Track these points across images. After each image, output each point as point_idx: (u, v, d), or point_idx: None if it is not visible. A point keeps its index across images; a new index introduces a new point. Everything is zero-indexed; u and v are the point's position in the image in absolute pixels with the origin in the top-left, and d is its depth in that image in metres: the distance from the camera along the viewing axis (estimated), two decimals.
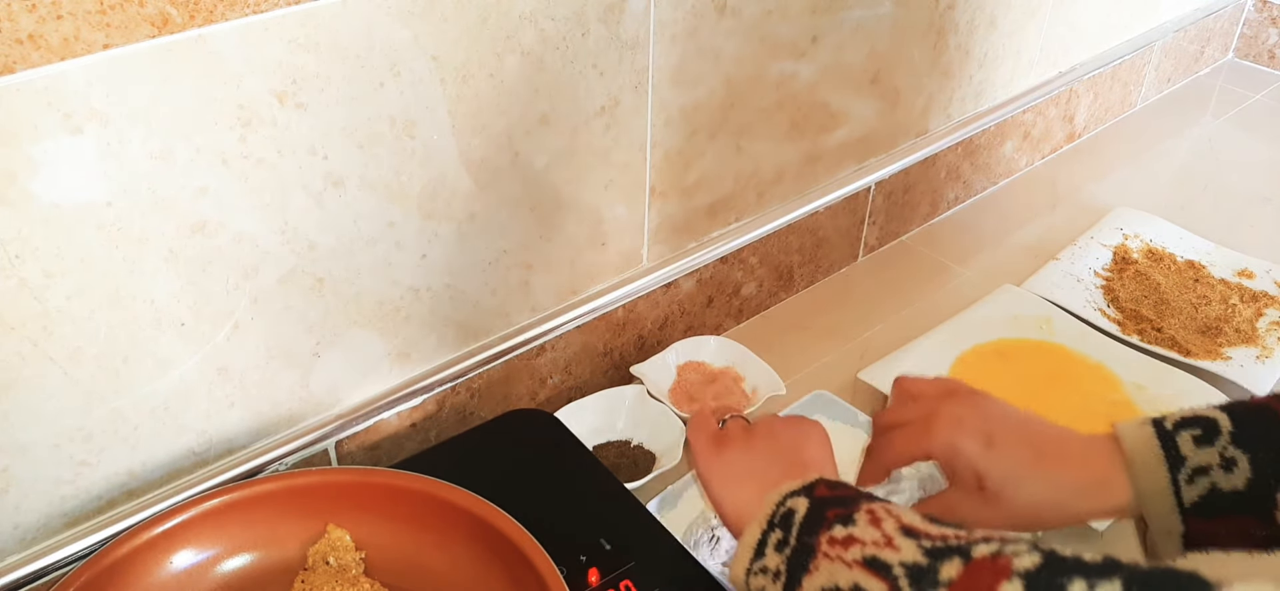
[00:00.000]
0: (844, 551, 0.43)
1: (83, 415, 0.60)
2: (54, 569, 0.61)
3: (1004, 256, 1.14)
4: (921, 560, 0.40)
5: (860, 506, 0.46)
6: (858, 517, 0.44)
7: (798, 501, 0.48)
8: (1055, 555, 0.37)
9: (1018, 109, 1.21)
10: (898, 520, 0.44)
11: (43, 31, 0.50)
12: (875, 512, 0.45)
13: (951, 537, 0.41)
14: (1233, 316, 1.01)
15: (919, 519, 0.44)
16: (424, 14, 0.63)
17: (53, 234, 0.54)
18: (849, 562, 0.42)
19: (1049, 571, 0.36)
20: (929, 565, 0.40)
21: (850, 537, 0.43)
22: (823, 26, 0.90)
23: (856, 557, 0.42)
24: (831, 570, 0.43)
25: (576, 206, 0.80)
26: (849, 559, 0.43)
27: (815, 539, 0.45)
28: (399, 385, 0.75)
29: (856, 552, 0.43)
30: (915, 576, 0.40)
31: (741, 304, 1.01)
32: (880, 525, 0.43)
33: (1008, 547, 0.38)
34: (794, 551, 0.46)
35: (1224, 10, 1.56)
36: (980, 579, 0.37)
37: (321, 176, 0.63)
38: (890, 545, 0.42)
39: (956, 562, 0.39)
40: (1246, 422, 0.54)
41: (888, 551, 0.42)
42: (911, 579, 0.40)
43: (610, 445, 0.83)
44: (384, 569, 0.63)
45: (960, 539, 0.41)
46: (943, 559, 0.40)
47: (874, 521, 0.44)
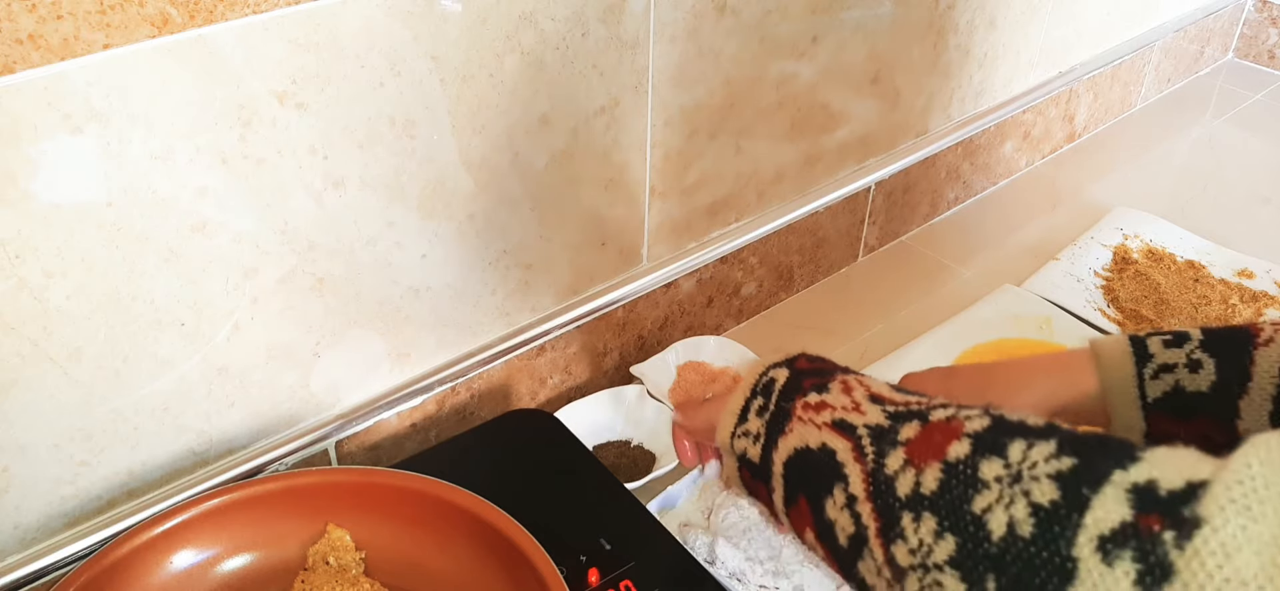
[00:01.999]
0: (816, 415, 0.46)
1: (83, 415, 0.60)
2: (54, 569, 0.61)
3: (1004, 256, 1.14)
4: (884, 422, 0.43)
5: (835, 376, 0.49)
6: (831, 386, 0.48)
7: (779, 372, 0.51)
8: (1003, 418, 0.40)
9: (1018, 109, 1.21)
10: (867, 389, 0.47)
11: (43, 31, 0.50)
12: (848, 382, 0.48)
13: (914, 403, 0.44)
14: (1233, 316, 1.01)
15: (888, 388, 0.47)
16: (424, 14, 0.63)
17: (53, 234, 0.54)
18: (819, 425, 0.46)
19: (994, 432, 0.39)
20: (890, 426, 0.43)
21: (822, 403, 0.47)
22: (823, 26, 0.90)
23: (826, 420, 0.46)
24: (804, 432, 0.46)
25: (576, 206, 0.80)
26: (820, 421, 0.46)
27: (791, 404, 0.48)
28: (399, 385, 0.75)
29: (826, 416, 0.46)
30: (876, 435, 0.43)
31: (741, 304, 1.01)
32: (851, 392, 0.47)
33: (962, 413, 0.42)
34: (773, 415, 0.49)
35: (1224, 10, 1.56)
36: (933, 437, 0.41)
37: (321, 176, 0.63)
38: (857, 410, 0.45)
39: (915, 424, 0.42)
40: (1217, 334, 0.57)
41: (855, 415, 0.45)
42: (873, 437, 0.43)
43: (610, 445, 0.83)
44: (384, 569, 0.63)
45: (921, 404, 0.44)
46: (903, 421, 0.43)
47: (846, 389, 0.47)
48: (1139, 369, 0.57)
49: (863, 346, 0.99)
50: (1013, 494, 0.36)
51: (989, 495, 0.37)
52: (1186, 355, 0.56)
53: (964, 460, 0.39)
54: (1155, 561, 0.31)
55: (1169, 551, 0.31)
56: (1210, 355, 0.56)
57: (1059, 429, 0.38)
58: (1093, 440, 0.37)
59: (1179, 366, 0.56)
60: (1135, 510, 0.33)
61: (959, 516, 0.37)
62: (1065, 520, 0.34)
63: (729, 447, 0.52)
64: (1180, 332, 0.57)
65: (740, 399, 0.52)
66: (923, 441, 0.41)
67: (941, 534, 0.38)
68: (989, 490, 0.37)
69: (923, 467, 0.40)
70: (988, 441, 0.39)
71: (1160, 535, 0.31)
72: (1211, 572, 0.30)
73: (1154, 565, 0.31)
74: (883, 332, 1.01)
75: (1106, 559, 0.32)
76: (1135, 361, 0.57)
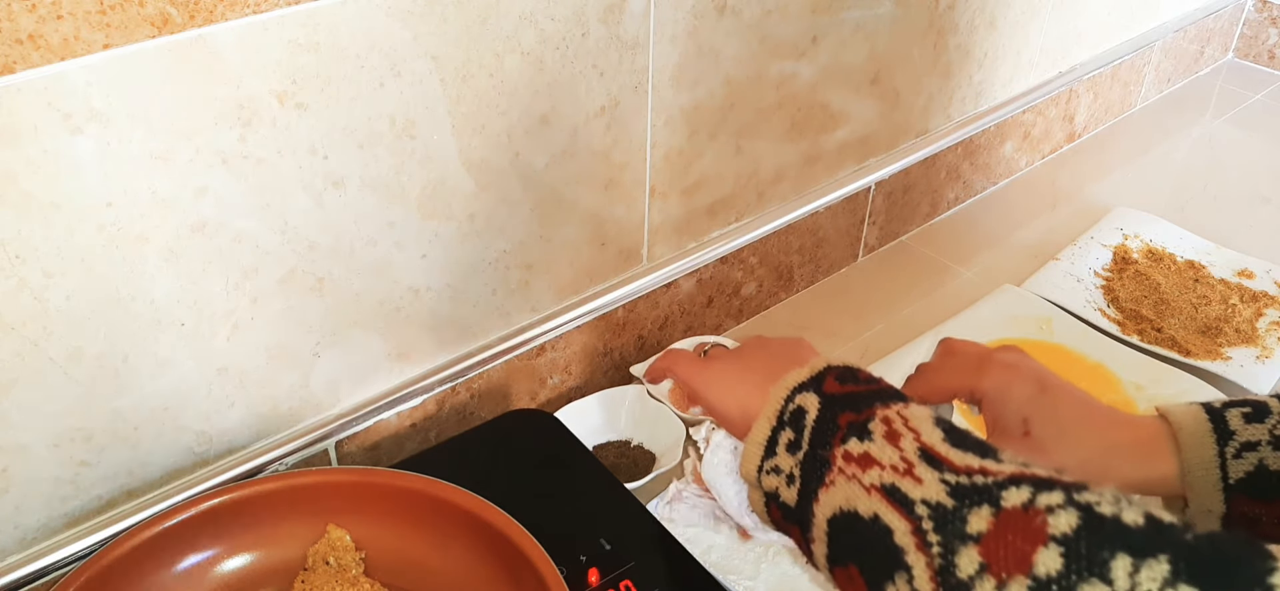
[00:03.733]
0: (861, 472, 0.42)
1: (83, 415, 0.60)
2: (54, 569, 0.61)
3: (1004, 256, 1.14)
4: (946, 501, 0.38)
5: (874, 412, 0.44)
6: (873, 430, 0.43)
7: (807, 399, 0.47)
8: (1093, 513, 0.35)
9: (1018, 109, 1.21)
10: (915, 437, 0.42)
11: (43, 31, 0.50)
12: (890, 423, 0.43)
13: (976, 472, 0.39)
14: (1233, 316, 1.01)
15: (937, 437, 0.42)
16: (424, 14, 0.63)
17: (53, 234, 0.54)
18: (867, 487, 0.41)
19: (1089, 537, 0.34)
20: (955, 509, 0.38)
21: (867, 456, 0.42)
22: (823, 26, 0.90)
23: (875, 483, 0.41)
24: (849, 491, 0.42)
25: (576, 206, 0.80)
26: (867, 483, 0.41)
27: (830, 451, 0.44)
28: (399, 385, 0.75)
29: (875, 477, 0.41)
30: (940, 521, 0.38)
31: (741, 304, 1.01)
32: (898, 443, 0.42)
33: (1040, 498, 0.36)
34: (807, 458, 0.45)
35: (1224, 10, 1.56)
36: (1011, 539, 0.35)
37: (321, 176, 0.63)
38: (911, 474, 0.40)
39: (985, 513, 0.37)
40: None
41: (909, 482, 0.40)
42: (936, 522, 0.38)
43: (610, 445, 0.83)
44: (384, 569, 0.63)
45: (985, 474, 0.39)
46: (970, 505, 0.38)
47: (891, 437, 0.42)
48: (1221, 448, 0.53)
49: (863, 346, 0.99)
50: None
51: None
52: (1269, 432, 0.52)
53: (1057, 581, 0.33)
54: None
55: None
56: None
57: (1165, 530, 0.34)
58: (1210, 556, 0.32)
59: (1262, 444, 0.52)
60: None
61: None
62: None
63: (756, 482, 0.48)
64: (1259, 404, 0.53)
65: (765, 428, 0.48)
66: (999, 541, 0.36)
67: None
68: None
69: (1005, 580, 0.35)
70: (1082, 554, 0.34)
71: None
72: None
73: None
74: (883, 332, 1.01)
75: None
76: (1216, 440, 0.53)
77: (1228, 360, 0.94)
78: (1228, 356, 0.95)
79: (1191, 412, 0.55)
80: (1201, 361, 0.94)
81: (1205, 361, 0.94)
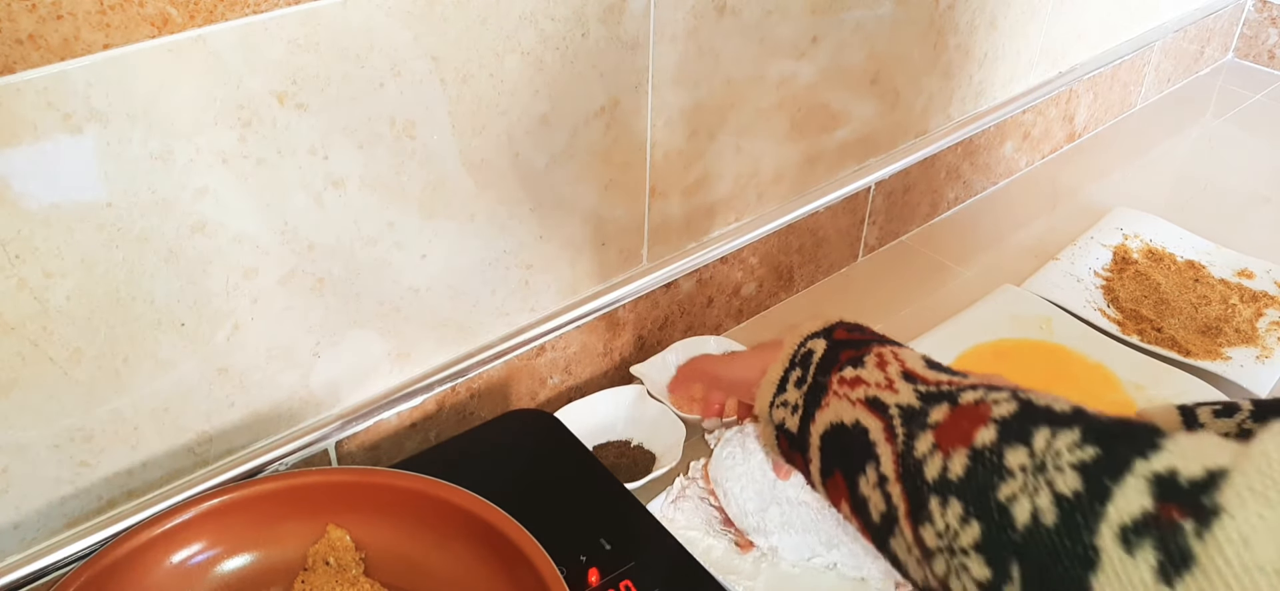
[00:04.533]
0: (851, 391, 0.48)
1: (83, 415, 0.60)
2: (54, 569, 0.61)
3: (1004, 256, 1.14)
4: (915, 403, 0.44)
5: (871, 349, 0.50)
6: (867, 360, 0.49)
7: (816, 342, 0.52)
8: (1031, 403, 0.41)
9: (1018, 109, 1.21)
10: (902, 364, 0.48)
11: (43, 31, 0.50)
12: (883, 356, 0.49)
13: (945, 383, 0.45)
14: (1233, 316, 1.01)
15: (922, 365, 0.48)
16: (424, 14, 0.63)
17: (53, 234, 0.54)
18: (853, 401, 0.47)
19: (1021, 417, 0.40)
20: (921, 408, 0.44)
21: (857, 378, 0.48)
22: (823, 26, 0.90)
23: (860, 397, 0.47)
24: (839, 407, 0.48)
25: (576, 206, 0.80)
26: (854, 398, 0.47)
27: (828, 378, 0.50)
28: (399, 385, 0.75)
29: (861, 392, 0.47)
30: (907, 416, 0.44)
31: (741, 304, 1.01)
32: (885, 368, 0.48)
33: (990, 395, 0.42)
34: (810, 388, 0.50)
35: (1224, 10, 1.56)
36: (961, 423, 0.41)
37: (321, 176, 0.63)
38: (890, 387, 0.46)
39: (944, 407, 0.43)
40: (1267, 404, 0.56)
41: (887, 393, 0.46)
42: (904, 418, 0.44)
43: (610, 445, 0.83)
44: (384, 569, 0.63)
45: (952, 385, 0.45)
46: (933, 403, 0.44)
47: (881, 363, 0.48)
48: None
49: None
50: (1037, 483, 0.37)
51: (1014, 484, 0.38)
52: (1238, 426, 0.55)
53: (990, 447, 0.39)
54: (1176, 550, 0.32)
55: (1189, 540, 0.32)
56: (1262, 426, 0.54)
57: (1084, 415, 0.39)
58: (1115, 428, 0.37)
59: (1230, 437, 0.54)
60: (1156, 499, 0.33)
61: (984, 503, 0.38)
62: (1088, 510, 0.35)
63: (768, 417, 0.53)
64: (1229, 404, 0.56)
65: (779, 369, 0.53)
66: (951, 426, 0.42)
67: (967, 519, 0.38)
68: (1014, 479, 0.38)
69: (950, 453, 0.41)
70: (1013, 428, 0.39)
71: (1181, 524, 0.32)
72: (1230, 560, 0.30)
73: (1174, 553, 0.32)
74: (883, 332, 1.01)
75: (1128, 548, 0.33)
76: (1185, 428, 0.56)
77: (1228, 360, 0.94)
78: (1228, 356, 0.95)
79: (1164, 412, 0.58)
80: (1201, 361, 0.94)
81: (1205, 361, 0.94)
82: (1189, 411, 0.57)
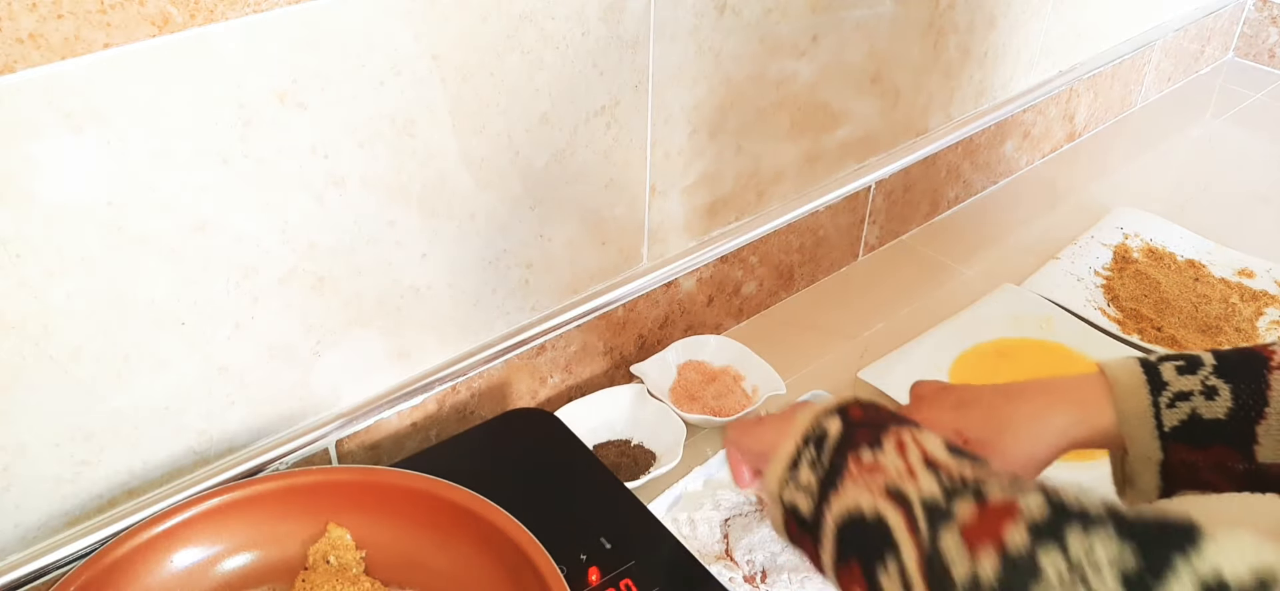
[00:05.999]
0: (870, 477, 0.46)
1: (83, 414, 0.60)
2: (54, 568, 0.61)
3: (1004, 256, 1.14)
4: (940, 496, 0.43)
5: (889, 431, 0.48)
6: (886, 443, 0.47)
7: (831, 422, 0.50)
8: (1061, 503, 0.39)
9: (1018, 108, 1.21)
10: (922, 450, 0.46)
11: (43, 31, 0.50)
12: (902, 440, 0.47)
13: (970, 475, 0.43)
14: (1233, 315, 1.01)
15: (943, 451, 0.46)
16: (424, 13, 0.63)
17: (53, 233, 0.54)
18: (873, 490, 0.45)
19: (1053, 516, 0.39)
20: (945, 501, 0.42)
21: (876, 464, 0.46)
22: (823, 26, 0.90)
23: (880, 485, 0.45)
24: (857, 494, 0.46)
25: (577, 205, 0.80)
26: (874, 485, 0.45)
27: (844, 460, 0.48)
28: (399, 384, 0.75)
29: (880, 480, 0.45)
30: (931, 511, 0.42)
31: (742, 303, 1.01)
32: (905, 454, 0.46)
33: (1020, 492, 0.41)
34: (826, 471, 0.48)
35: (1224, 9, 1.56)
36: (990, 522, 0.40)
37: (322, 176, 0.63)
38: (911, 476, 0.44)
39: (971, 503, 0.41)
40: (1230, 359, 0.56)
41: (908, 482, 0.44)
42: (927, 512, 0.42)
43: (610, 445, 0.83)
44: (384, 568, 0.63)
45: (979, 478, 0.43)
46: (959, 497, 0.42)
47: (900, 449, 0.46)
48: (1154, 398, 0.56)
49: (863, 346, 0.99)
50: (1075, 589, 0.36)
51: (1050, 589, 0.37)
52: (1201, 382, 0.55)
53: (1022, 552, 0.38)
54: None
55: None
56: (1225, 381, 0.55)
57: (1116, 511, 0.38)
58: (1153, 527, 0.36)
59: (1195, 394, 0.55)
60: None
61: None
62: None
63: (778, 498, 0.51)
64: (1192, 357, 0.57)
65: (791, 447, 0.51)
66: (978, 526, 0.40)
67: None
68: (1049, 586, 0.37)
69: (978, 553, 0.39)
70: (1046, 529, 0.38)
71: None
72: None
73: None
74: (883, 332, 1.01)
75: None
76: (1150, 390, 0.56)
77: None
78: None
79: (1126, 366, 0.58)
80: None
81: None
82: (1152, 366, 0.57)
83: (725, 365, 0.91)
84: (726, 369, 0.91)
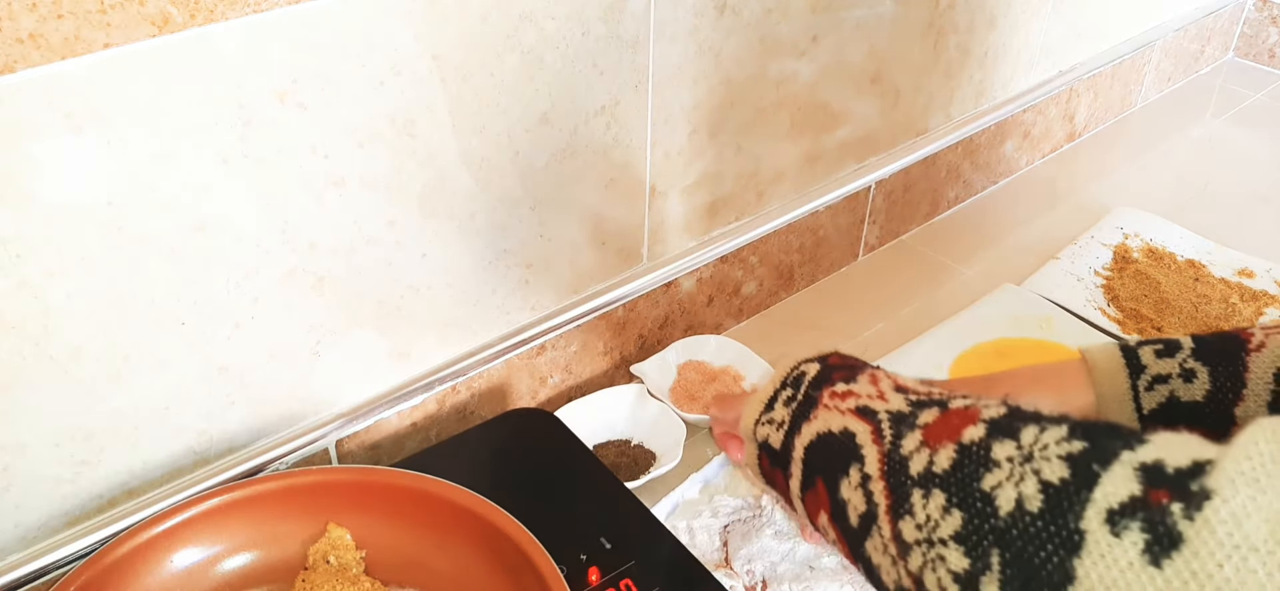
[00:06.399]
0: (841, 402, 0.48)
1: (83, 414, 0.60)
2: (54, 568, 0.61)
3: (1004, 256, 1.14)
4: (905, 408, 0.45)
5: (865, 370, 0.50)
6: (860, 378, 0.49)
7: (810, 366, 0.52)
8: (1019, 408, 0.41)
9: (1018, 108, 1.21)
10: (894, 381, 0.48)
11: (43, 30, 0.50)
12: (876, 375, 0.49)
13: (937, 393, 0.45)
14: (1233, 315, 1.01)
15: (916, 383, 0.48)
16: (424, 13, 0.63)
17: (53, 233, 0.54)
18: (843, 410, 0.47)
19: (1009, 418, 0.40)
20: (910, 412, 0.44)
21: (848, 391, 0.48)
22: (823, 26, 0.90)
23: (850, 406, 0.47)
24: (827, 417, 0.48)
25: (577, 205, 0.80)
26: (844, 408, 0.47)
27: (819, 392, 0.49)
28: (399, 384, 0.75)
29: (851, 403, 0.47)
30: (896, 420, 0.44)
31: (742, 303, 1.01)
32: (877, 384, 0.48)
33: (981, 402, 0.43)
34: (799, 403, 0.50)
35: (1224, 9, 1.56)
36: (950, 422, 0.42)
37: (322, 176, 0.63)
38: (881, 398, 0.46)
39: (934, 411, 0.43)
40: (1208, 342, 0.57)
41: (878, 402, 0.46)
42: (893, 421, 0.44)
43: (610, 445, 0.83)
44: (384, 568, 0.63)
45: (944, 394, 0.45)
46: (923, 408, 0.44)
47: (873, 381, 0.48)
48: (1133, 381, 0.57)
49: (863, 346, 0.99)
50: (1023, 472, 0.37)
51: (999, 473, 0.38)
52: (1179, 365, 0.56)
53: (977, 442, 0.39)
54: (1164, 531, 0.32)
55: (1177, 521, 0.32)
56: (1203, 364, 0.56)
57: (1071, 418, 0.39)
58: (1103, 425, 0.38)
59: (1173, 377, 0.56)
60: (1144, 485, 0.33)
61: (968, 492, 0.38)
62: (1074, 496, 0.35)
63: (751, 434, 0.53)
64: (1171, 341, 0.58)
65: (769, 389, 0.53)
66: (940, 425, 0.42)
67: (949, 509, 0.38)
68: (999, 469, 0.38)
69: (937, 448, 0.41)
70: (1002, 425, 0.40)
71: (1169, 506, 0.32)
72: (1222, 540, 0.31)
73: (1162, 534, 0.32)
74: (883, 332, 1.01)
75: (1115, 530, 0.33)
76: (1129, 374, 0.57)
77: None
78: None
79: (1106, 350, 0.59)
80: None
81: None
82: (1131, 350, 0.58)
83: (725, 365, 0.91)
84: (727, 369, 0.91)
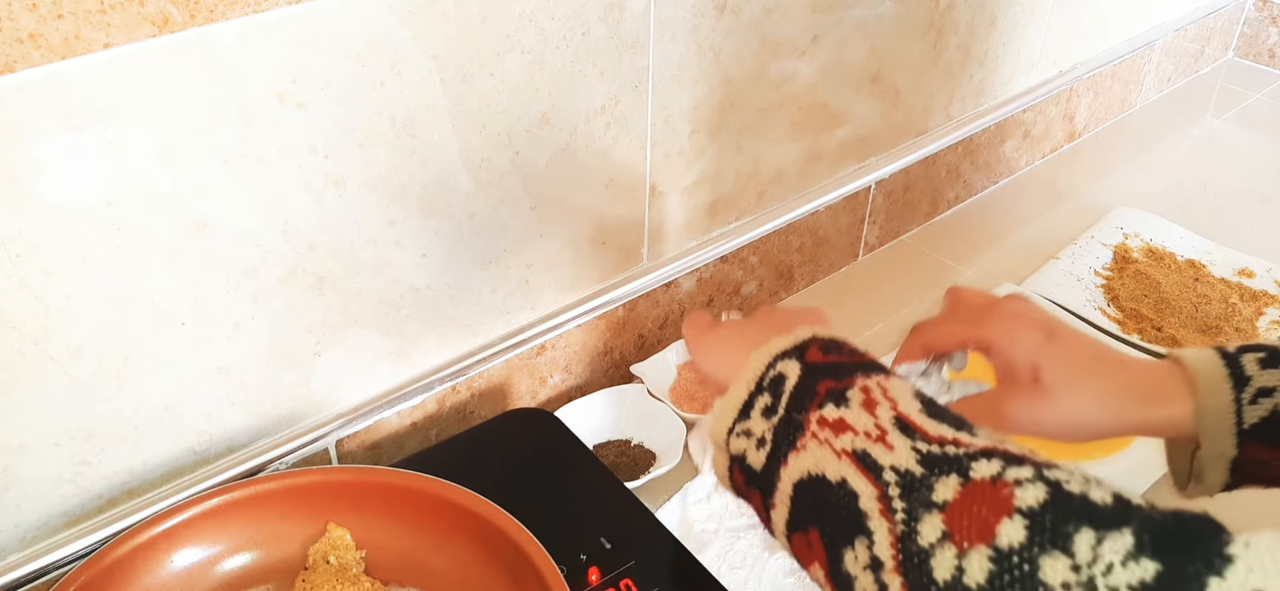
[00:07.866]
0: (834, 437, 0.41)
1: (83, 414, 0.60)
2: (55, 568, 0.61)
3: (1004, 256, 1.14)
4: (915, 468, 0.38)
5: (855, 382, 0.43)
6: (851, 397, 0.42)
7: (789, 366, 0.45)
8: (1061, 489, 0.34)
9: (1018, 108, 1.21)
10: (893, 407, 0.41)
11: (43, 30, 0.50)
12: (870, 392, 0.42)
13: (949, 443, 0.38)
14: (1233, 315, 1.01)
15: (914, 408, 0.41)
16: (424, 13, 0.63)
17: (53, 233, 0.54)
18: (838, 452, 0.40)
19: (1055, 511, 0.33)
20: (923, 477, 0.37)
21: (841, 422, 0.41)
22: (823, 26, 0.90)
23: (846, 448, 0.40)
24: (819, 455, 0.41)
25: (577, 205, 0.80)
26: (838, 448, 0.40)
27: (805, 415, 0.43)
28: (399, 384, 0.75)
29: (847, 442, 0.40)
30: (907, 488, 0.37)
31: (742, 303, 1.01)
32: (874, 410, 0.41)
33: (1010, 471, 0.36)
34: (782, 423, 0.43)
35: (1224, 9, 1.56)
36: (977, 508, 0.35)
37: (322, 176, 0.63)
38: (883, 441, 0.39)
39: (954, 481, 0.36)
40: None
41: (880, 449, 0.39)
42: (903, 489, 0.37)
43: (610, 445, 0.83)
44: (384, 568, 0.63)
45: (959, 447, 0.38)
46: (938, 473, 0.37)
47: (868, 404, 0.41)
48: (1237, 393, 0.52)
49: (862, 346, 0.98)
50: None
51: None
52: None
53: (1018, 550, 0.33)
54: None
55: None
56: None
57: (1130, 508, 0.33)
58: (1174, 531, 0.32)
59: (1278, 390, 0.51)
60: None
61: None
62: None
63: (724, 444, 0.47)
64: (1273, 349, 0.52)
65: (743, 391, 0.46)
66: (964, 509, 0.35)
67: None
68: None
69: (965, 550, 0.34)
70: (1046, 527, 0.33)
71: None
72: None
73: None
74: (883, 332, 1.01)
75: None
76: (1233, 385, 0.52)
77: None
78: None
79: (1207, 358, 0.54)
80: None
81: None
82: (1232, 358, 0.53)
83: None
84: None
